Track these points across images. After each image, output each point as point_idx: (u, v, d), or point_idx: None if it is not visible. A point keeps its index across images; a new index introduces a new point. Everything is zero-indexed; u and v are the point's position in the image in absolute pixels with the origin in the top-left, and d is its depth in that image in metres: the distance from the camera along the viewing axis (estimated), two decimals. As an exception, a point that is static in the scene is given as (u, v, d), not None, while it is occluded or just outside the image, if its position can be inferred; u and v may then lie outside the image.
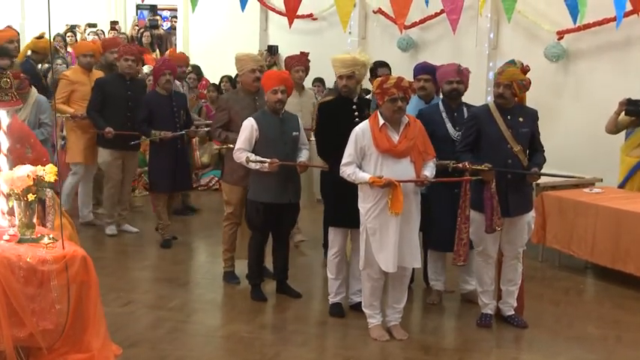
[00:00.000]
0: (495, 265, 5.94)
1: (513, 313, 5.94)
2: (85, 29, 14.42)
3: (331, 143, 5.85)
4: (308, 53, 7.79)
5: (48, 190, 4.80)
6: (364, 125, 5.50)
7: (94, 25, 14.57)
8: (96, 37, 13.29)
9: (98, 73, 8.20)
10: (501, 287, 5.97)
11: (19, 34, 10.31)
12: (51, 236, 4.69)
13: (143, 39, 13.88)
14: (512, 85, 5.59)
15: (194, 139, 9.75)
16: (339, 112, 5.99)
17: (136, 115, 7.59)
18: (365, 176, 5.39)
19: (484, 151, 5.67)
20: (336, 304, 6.06)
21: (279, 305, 6.29)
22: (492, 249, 5.82)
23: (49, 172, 4.72)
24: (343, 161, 5.51)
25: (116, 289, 6.50)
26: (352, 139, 5.49)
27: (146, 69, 10.21)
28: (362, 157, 5.47)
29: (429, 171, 5.50)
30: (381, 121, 5.42)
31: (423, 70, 6.59)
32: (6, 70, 8.08)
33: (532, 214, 5.87)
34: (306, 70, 7.81)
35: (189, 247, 7.63)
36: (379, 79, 5.49)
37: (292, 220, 6.51)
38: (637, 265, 6.68)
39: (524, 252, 5.91)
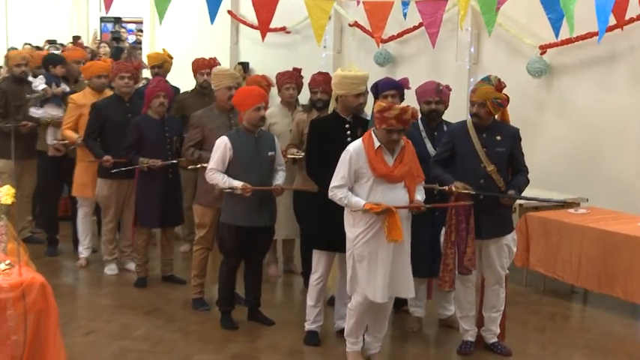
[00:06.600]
0: (477, 290, 5.95)
1: (496, 340, 5.94)
2: (44, 45, 14.41)
3: (321, 162, 5.81)
4: (300, 69, 7.67)
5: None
6: (357, 146, 5.40)
7: (54, 42, 14.53)
8: (58, 51, 13.24)
9: (109, 93, 7.85)
10: (483, 314, 5.97)
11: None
12: (8, 262, 4.64)
13: (100, 49, 13.87)
14: (485, 103, 5.63)
15: None
16: (331, 131, 5.96)
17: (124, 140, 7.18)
18: (359, 202, 5.30)
19: (458, 170, 5.70)
20: (312, 332, 6.04)
21: (251, 333, 6.24)
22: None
23: (5, 195, 4.67)
24: (334, 183, 5.42)
25: (76, 317, 6.45)
26: (345, 159, 5.38)
27: None
28: (355, 180, 5.41)
29: (420, 195, 5.46)
30: (377, 144, 5.34)
31: (390, 85, 6.51)
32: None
33: (512, 236, 5.88)
34: (298, 88, 7.64)
35: (154, 272, 7.56)
36: (382, 104, 5.37)
37: (267, 244, 6.49)
38: (624, 289, 6.72)
39: (506, 276, 5.92)
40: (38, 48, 13.82)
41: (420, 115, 6.21)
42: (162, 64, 8.89)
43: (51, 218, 8.47)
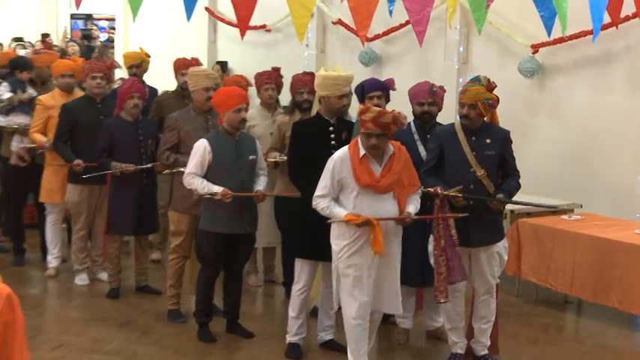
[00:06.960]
0: (467, 300, 5.95)
1: (487, 352, 5.94)
2: (10, 44, 14.31)
3: (304, 166, 5.81)
4: (279, 69, 7.70)
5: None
6: (343, 154, 5.35)
7: (20, 39, 14.45)
8: (25, 50, 13.17)
9: (79, 94, 7.80)
10: (473, 325, 5.97)
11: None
12: (-29, 272, 4.60)
13: (69, 48, 13.79)
14: (476, 105, 5.62)
15: None
16: (314, 133, 5.96)
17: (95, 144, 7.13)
18: (341, 212, 5.26)
19: (446, 175, 5.70)
20: (294, 345, 6.03)
21: (229, 346, 6.22)
22: None
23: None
24: (317, 193, 5.39)
25: (45, 330, 6.40)
26: (329, 168, 5.34)
27: None
28: (339, 190, 5.36)
29: (412, 206, 5.39)
30: (362, 152, 5.28)
31: (375, 86, 6.51)
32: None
33: (503, 244, 5.86)
34: (278, 88, 7.69)
35: (127, 282, 7.52)
36: (361, 106, 5.34)
37: (247, 252, 6.47)
38: (620, 299, 6.74)
39: (497, 286, 5.93)
40: None
41: (410, 119, 6.21)
42: (140, 64, 8.88)
43: (16, 226, 8.40)
